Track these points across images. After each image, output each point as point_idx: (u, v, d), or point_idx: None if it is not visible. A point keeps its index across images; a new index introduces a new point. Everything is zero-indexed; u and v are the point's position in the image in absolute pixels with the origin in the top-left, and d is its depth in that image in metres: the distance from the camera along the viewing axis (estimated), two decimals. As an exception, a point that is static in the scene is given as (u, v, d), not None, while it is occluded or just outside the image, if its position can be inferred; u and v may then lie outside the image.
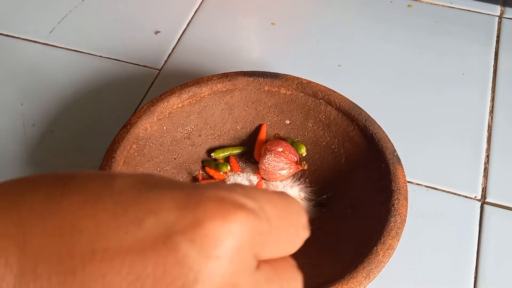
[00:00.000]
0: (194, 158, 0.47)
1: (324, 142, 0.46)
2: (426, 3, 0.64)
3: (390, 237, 0.36)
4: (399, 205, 0.37)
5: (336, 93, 0.45)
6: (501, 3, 0.62)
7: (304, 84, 0.46)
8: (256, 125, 0.48)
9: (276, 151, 0.44)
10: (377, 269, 0.35)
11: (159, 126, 0.45)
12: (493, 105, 0.53)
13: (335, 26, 0.62)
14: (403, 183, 0.39)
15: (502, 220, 0.45)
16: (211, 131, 0.48)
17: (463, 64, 0.57)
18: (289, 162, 0.44)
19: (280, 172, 0.44)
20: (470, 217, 0.45)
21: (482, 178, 0.48)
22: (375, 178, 0.41)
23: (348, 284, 0.34)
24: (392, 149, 0.41)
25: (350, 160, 0.44)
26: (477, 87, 0.55)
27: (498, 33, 0.60)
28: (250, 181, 0.45)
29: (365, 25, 0.62)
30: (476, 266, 0.42)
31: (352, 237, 0.39)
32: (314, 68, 0.57)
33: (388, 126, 0.44)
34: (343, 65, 0.58)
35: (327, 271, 0.37)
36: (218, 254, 0.15)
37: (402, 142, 0.48)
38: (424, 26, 0.61)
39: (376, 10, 0.63)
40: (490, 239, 0.44)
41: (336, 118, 0.45)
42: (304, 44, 0.60)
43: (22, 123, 0.54)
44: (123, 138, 0.42)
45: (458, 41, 0.59)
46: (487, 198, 0.46)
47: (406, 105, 0.53)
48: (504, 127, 0.51)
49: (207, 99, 0.46)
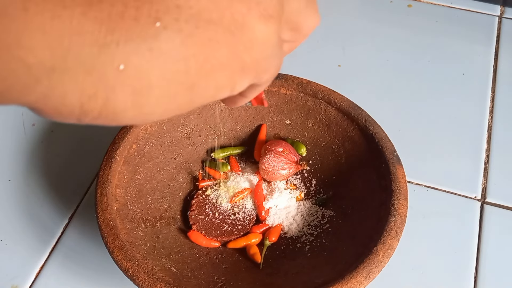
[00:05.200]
0: (194, 158, 0.47)
1: (324, 142, 0.46)
2: (426, 3, 0.64)
3: (390, 237, 0.36)
4: (399, 205, 0.37)
5: (336, 93, 0.45)
6: (501, 3, 0.62)
7: (304, 84, 0.46)
8: (256, 125, 0.48)
9: (276, 151, 0.44)
10: (377, 269, 0.35)
11: (159, 126, 0.45)
12: (493, 105, 0.53)
13: (335, 26, 0.62)
14: (403, 183, 0.39)
15: (502, 220, 0.45)
16: (211, 131, 0.48)
17: (463, 64, 0.57)
18: (289, 162, 0.44)
19: (280, 172, 0.44)
20: (470, 217, 0.45)
21: (482, 178, 0.48)
22: (375, 178, 0.41)
23: (348, 284, 0.34)
24: (392, 149, 0.41)
25: (350, 160, 0.44)
26: (477, 87, 0.55)
27: (498, 33, 0.60)
28: (250, 181, 0.45)
29: (365, 25, 0.62)
30: (476, 266, 0.42)
31: (352, 237, 0.39)
32: (314, 68, 0.57)
33: (388, 126, 0.44)
34: (343, 65, 0.58)
35: (327, 271, 0.37)
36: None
37: (402, 142, 0.47)
38: (424, 26, 0.61)
39: (376, 10, 0.63)
40: (490, 239, 0.43)
41: (336, 118, 0.45)
42: (305, 44, 0.60)
43: (22, 123, 0.54)
44: (123, 138, 0.42)
45: (458, 41, 0.59)
46: (487, 198, 0.46)
47: (406, 105, 0.53)
48: (504, 127, 0.51)
49: (207, 99, 0.46)
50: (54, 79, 0.15)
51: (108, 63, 0.15)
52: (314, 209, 0.44)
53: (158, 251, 0.39)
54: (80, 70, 0.15)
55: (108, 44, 0.15)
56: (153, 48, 0.16)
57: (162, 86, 0.17)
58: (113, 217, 0.38)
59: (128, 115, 0.17)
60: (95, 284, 0.42)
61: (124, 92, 0.16)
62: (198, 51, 0.17)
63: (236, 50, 0.18)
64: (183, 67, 0.17)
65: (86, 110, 0.16)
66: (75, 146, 0.52)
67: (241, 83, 0.19)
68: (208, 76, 0.18)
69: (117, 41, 0.15)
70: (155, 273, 0.35)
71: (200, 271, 0.39)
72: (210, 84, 0.18)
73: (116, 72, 0.15)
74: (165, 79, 0.16)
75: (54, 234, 0.46)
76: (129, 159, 0.42)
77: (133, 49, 0.15)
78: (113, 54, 0.15)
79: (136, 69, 0.16)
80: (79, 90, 0.15)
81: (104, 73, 0.15)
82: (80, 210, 0.47)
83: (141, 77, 0.16)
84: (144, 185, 0.43)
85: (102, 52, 0.15)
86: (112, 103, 0.16)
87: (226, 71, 0.18)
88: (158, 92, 0.17)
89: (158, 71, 0.16)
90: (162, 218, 0.42)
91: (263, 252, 0.41)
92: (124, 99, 0.16)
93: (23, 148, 0.52)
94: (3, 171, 0.50)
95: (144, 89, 0.16)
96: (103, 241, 0.36)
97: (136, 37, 0.15)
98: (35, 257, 0.44)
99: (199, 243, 0.42)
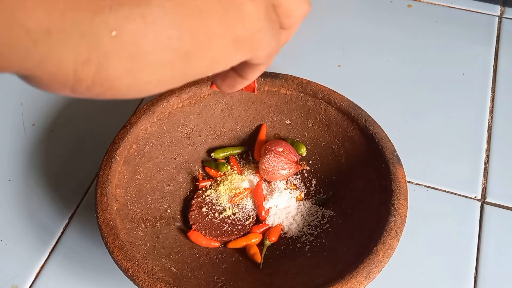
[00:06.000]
0: (194, 158, 0.47)
1: (324, 142, 0.46)
2: (426, 3, 0.64)
3: (390, 237, 0.36)
4: (399, 205, 0.37)
5: (336, 93, 0.45)
6: (501, 3, 0.62)
7: (304, 84, 0.46)
8: (256, 125, 0.48)
9: (276, 151, 0.44)
10: (377, 269, 0.35)
11: (159, 126, 0.45)
12: (493, 105, 0.53)
13: (335, 26, 0.62)
14: (403, 183, 0.39)
15: (502, 220, 0.45)
16: (211, 131, 0.48)
17: (463, 64, 0.57)
18: (289, 162, 0.44)
19: (280, 172, 0.44)
20: (470, 217, 0.45)
21: (482, 178, 0.48)
22: (375, 178, 0.41)
23: (348, 284, 0.34)
24: (392, 149, 0.41)
25: (350, 160, 0.44)
26: (477, 87, 0.55)
27: (498, 33, 0.60)
28: (250, 181, 0.45)
29: (365, 25, 0.62)
30: (476, 266, 0.42)
31: (352, 237, 0.39)
32: (314, 68, 0.57)
33: (388, 126, 0.44)
34: (343, 65, 0.58)
35: (327, 271, 0.37)
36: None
37: (402, 142, 0.48)
38: (424, 26, 0.61)
39: (376, 10, 0.63)
40: (490, 239, 0.43)
41: (336, 118, 0.45)
42: (304, 44, 0.60)
43: (22, 123, 0.54)
44: (123, 138, 0.42)
45: (458, 41, 0.59)
46: (487, 198, 0.46)
47: (406, 105, 0.53)
48: (504, 127, 0.51)
49: (207, 99, 0.46)
50: (51, 42, 0.15)
51: (101, 27, 0.16)
52: (314, 209, 0.44)
53: (158, 251, 0.39)
54: (75, 34, 0.16)
55: (101, 9, 0.16)
56: (145, 14, 0.16)
57: (156, 52, 0.17)
58: (113, 217, 0.38)
59: (124, 83, 0.17)
60: (95, 284, 0.42)
61: (118, 58, 0.16)
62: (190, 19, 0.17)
63: (228, 22, 0.18)
64: (176, 33, 0.17)
65: (80, 77, 0.16)
66: (75, 146, 0.52)
67: (235, 56, 0.20)
68: (202, 46, 0.18)
69: (110, 6, 0.16)
70: (155, 273, 0.35)
71: (200, 271, 0.39)
72: (204, 54, 0.18)
73: (109, 37, 0.16)
74: (158, 46, 0.17)
75: (54, 234, 0.46)
76: (129, 159, 0.42)
77: (125, 14, 0.16)
78: (106, 19, 0.16)
79: (129, 34, 0.16)
80: (74, 55, 0.16)
81: (98, 37, 0.16)
82: (80, 210, 0.47)
83: (134, 42, 0.16)
84: (144, 185, 0.43)
85: (96, 17, 0.16)
86: (106, 68, 0.16)
87: (219, 41, 0.18)
88: (152, 59, 0.17)
89: (151, 37, 0.17)
90: (162, 218, 0.42)
91: (263, 252, 0.41)
92: (118, 65, 0.17)
93: (23, 148, 0.52)
94: (3, 171, 0.50)
95: (138, 55, 0.17)
96: (103, 241, 0.36)
97: (129, 2, 0.16)
98: (35, 257, 0.44)
99: (199, 243, 0.42)
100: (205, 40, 0.18)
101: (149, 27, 0.16)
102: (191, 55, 0.18)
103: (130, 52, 0.16)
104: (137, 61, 0.17)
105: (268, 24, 0.20)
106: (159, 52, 0.17)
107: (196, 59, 0.18)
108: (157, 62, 0.17)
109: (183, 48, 0.18)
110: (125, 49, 0.16)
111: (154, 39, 0.17)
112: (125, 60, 0.17)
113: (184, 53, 0.18)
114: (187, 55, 0.18)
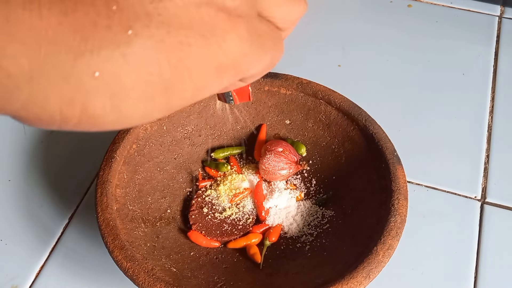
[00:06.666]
0: (194, 158, 0.47)
1: (324, 142, 0.46)
2: (426, 3, 0.64)
3: (390, 237, 0.36)
4: (399, 205, 0.37)
5: (336, 93, 0.45)
6: (501, 3, 0.62)
7: (304, 84, 0.46)
8: (256, 125, 0.48)
9: (276, 151, 0.44)
10: (377, 269, 0.35)
11: (159, 126, 0.45)
12: (493, 105, 0.53)
13: (335, 26, 0.62)
14: (403, 183, 0.39)
15: (502, 220, 0.45)
16: (211, 131, 0.48)
17: (463, 64, 0.57)
18: (289, 162, 0.44)
19: (280, 172, 0.44)
20: (470, 217, 0.45)
21: (482, 178, 0.48)
22: (375, 178, 0.41)
23: (348, 284, 0.34)
24: (392, 149, 0.41)
25: (350, 160, 0.44)
26: (477, 87, 0.55)
27: (498, 33, 0.60)
28: (250, 181, 0.45)
29: (365, 25, 0.62)
30: (476, 266, 0.42)
31: (352, 237, 0.39)
32: (314, 68, 0.57)
33: (388, 126, 0.44)
34: (343, 65, 0.58)
35: (327, 271, 0.37)
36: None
37: (402, 142, 0.47)
38: (424, 26, 0.61)
39: (376, 10, 0.63)
40: (490, 239, 0.43)
41: (336, 118, 0.45)
42: (304, 44, 0.60)
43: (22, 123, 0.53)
44: (123, 138, 0.42)
45: (458, 41, 0.59)
46: (487, 198, 0.46)
47: (406, 105, 0.53)
48: (504, 127, 0.51)
49: (207, 99, 0.46)
50: (34, 86, 0.16)
51: (83, 70, 0.16)
52: (314, 209, 0.44)
53: (158, 251, 0.39)
54: (57, 77, 0.16)
55: (82, 52, 0.16)
56: (126, 54, 0.17)
57: (138, 88, 0.17)
58: (113, 217, 0.38)
59: (108, 120, 0.18)
60: (95, 284, 0.42)
61: (102, 97, 0.17)
62: (170, 54, 0.18)
63: (209, 52, 0.19)
64: (157, 69, 0.17)
65: (66, 117, 0.17)
66: (75, 146, 0.52)
67: (220, 82, 0.20)
68: (183, 78, 0.18)
69: (91, 50, 0.16)
70: (155, 273, 0.35)
71: (200, 271, 0.39)
72: (186, 85, 0.19)
73: (92, 78, 0.16)
74: (140, 82, 0.17)
75: (54, 234, 0.46)
76: (129, 159, 0.42)
77: (107, 56, 0.16)
78: (88, 62, 0.16)
79: (111, 74, 0.17)
80: (58, 97, 0.16)
81: (80, 80, 0.16)
82: (80, 210, 0.47)
83: (116, 82, 0.17)
84: (144, 185, 0.43)
85: (78, 60, 0.16)
86: (91, 108, 0.17)
87: (201, 72, 0.19)
88: (134, 95, 0.17)
89: (132, 75, 0.17)
90: (162, 218, 0.42)
91: (263, 252, 0.41)
92: (102, 104, 0.17)
93: (23, 148, 0.52)
94: (3, 171, 0.50)
95: (120, 93, 0.17)
96: (103, 241, 0.36)
97: (109, 44, 0.16)
98: (35, 257, 0.44)
99: (199, 243, 0.42)
100: (186, 72, 0.18)
101: (130, 66, 0.17)
102: (172, 88, 0.18)
103: (113, 91, 0.17)
104: (120, 98, 0.17)
105: (255, 44, 0.20)
106: (141, 88, 0.17)
107: (179, 91, 0.19)
108: (140, 98, 0.18)
109: (164, 82, 0.18)
110: (108, 88, 0.17)
111: (136, 77, 0.17)
112: (108, 98, 0.17)
113: (165, 87, 0.18)
114: (169, 88, 0.18)
